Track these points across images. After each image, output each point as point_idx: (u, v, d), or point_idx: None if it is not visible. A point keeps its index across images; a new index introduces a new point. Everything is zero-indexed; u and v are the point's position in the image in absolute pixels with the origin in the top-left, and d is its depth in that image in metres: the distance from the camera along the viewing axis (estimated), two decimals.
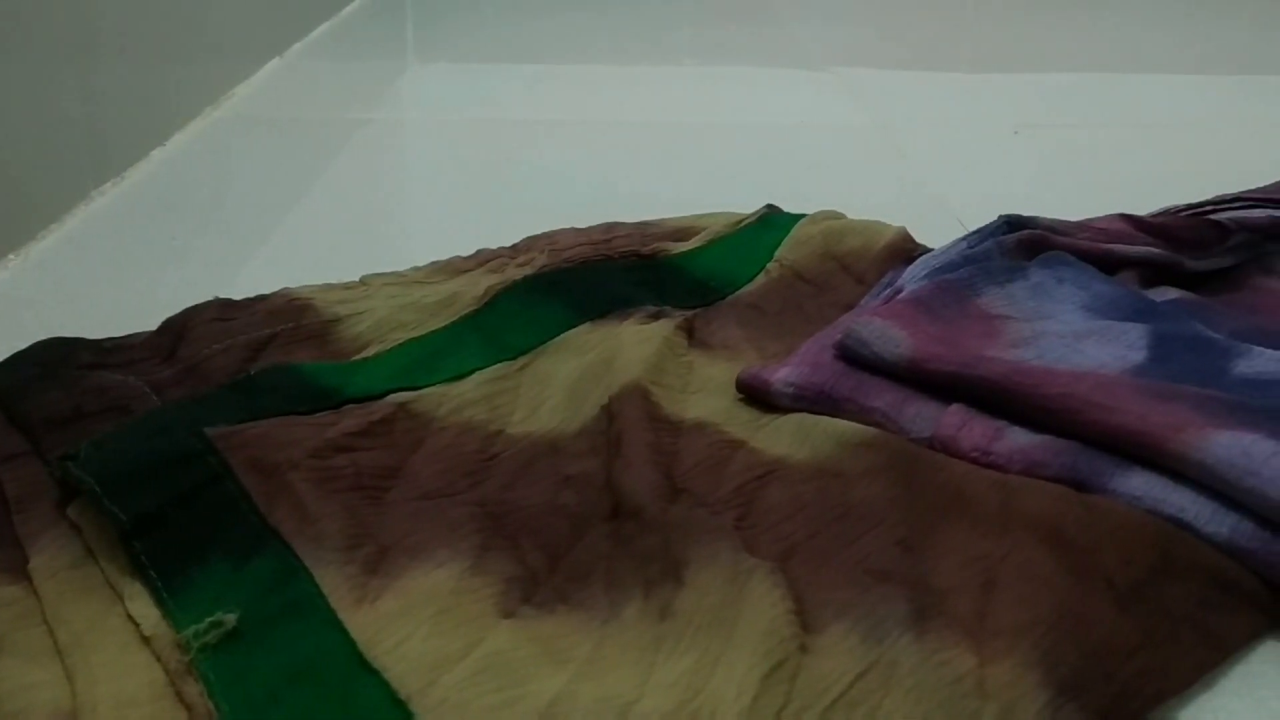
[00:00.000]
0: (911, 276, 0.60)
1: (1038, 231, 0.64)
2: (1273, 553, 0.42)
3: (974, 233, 0.64)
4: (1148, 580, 0.42)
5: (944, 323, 0.53)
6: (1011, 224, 0.65)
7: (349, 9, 1.68)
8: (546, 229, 0.70)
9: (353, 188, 0.92)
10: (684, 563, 0.39)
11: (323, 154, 1.01)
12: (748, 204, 0.73)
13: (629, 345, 0.53)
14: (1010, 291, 0.57)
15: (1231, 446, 0.43)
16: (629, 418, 0.48)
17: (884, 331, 0.52)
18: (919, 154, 1.04)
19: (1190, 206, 0.73)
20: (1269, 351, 0.54)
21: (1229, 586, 0.42)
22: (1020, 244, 0.63)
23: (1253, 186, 0.76)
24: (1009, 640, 0.38)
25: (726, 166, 0.97)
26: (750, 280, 0.65)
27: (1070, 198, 0.86)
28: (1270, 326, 0.62)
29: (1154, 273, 0.66)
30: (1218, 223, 0.66)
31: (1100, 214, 0.70)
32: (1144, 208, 0.71)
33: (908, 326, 0.52)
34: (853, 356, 0.52)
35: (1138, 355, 0.53)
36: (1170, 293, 0.64)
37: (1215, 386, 0.51)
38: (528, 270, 0.62)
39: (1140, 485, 0.45)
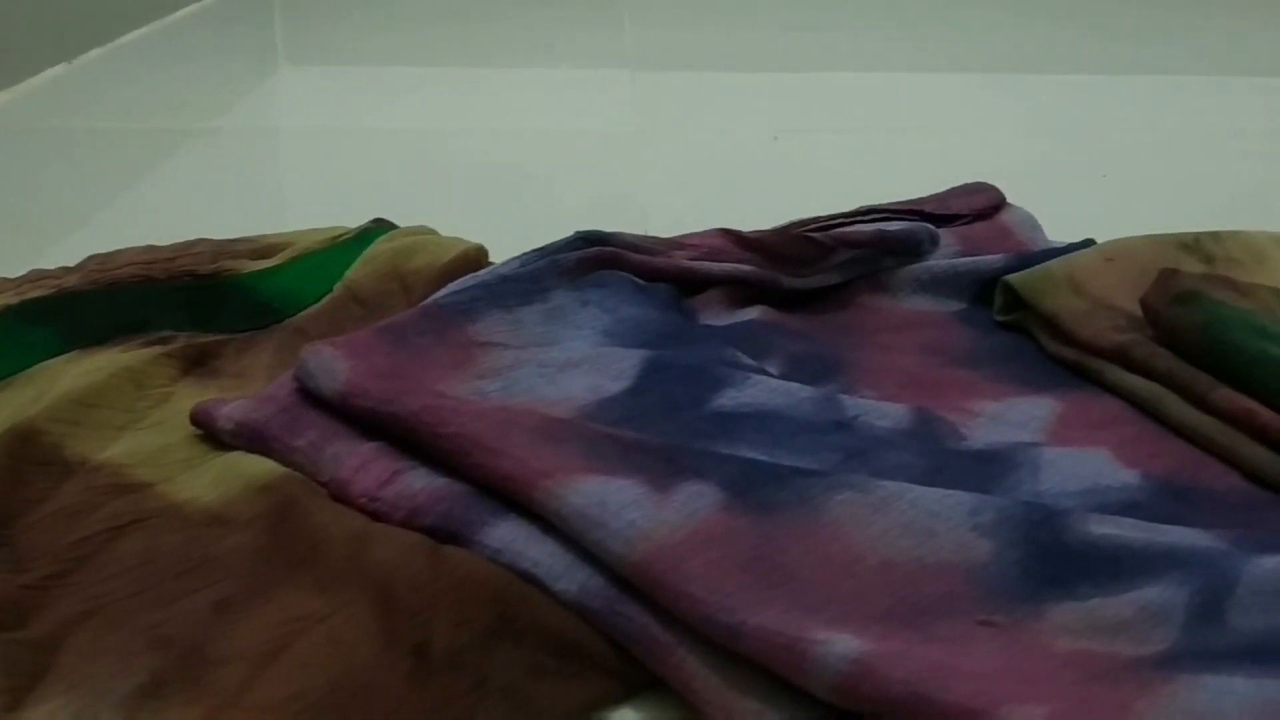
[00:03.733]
0: (435, 299, 0.56)
1: (609, 249, 0.60)
2: (616, 613, 0.38)
3: (536, 250, 0.60)
4: (475, 645, 0.38)
5: (410, 352, 0.49)
6: (588, 239, 0.61)
7: (179, 14, 1.64)
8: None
9: (170, 204, 0.85)
10: None
11: (129, 167, 0.95)
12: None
13: (66, 377, 0.50)
14: (518, 316, 0.53)
15: (590, 494, 0.40)
16: None
17: (329, 362, 0.48)
18: (676, 159, 1.00)
19: (833, 217, 0.69)
20: (768, 380, 0.50)
21: (568, 651, 0.38)
22: (583, 262, 0.59)
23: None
24: (254, 718, 0.34)
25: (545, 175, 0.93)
26: (317, 301, 0.61)
27: (825, 205, 0.81)
28: (838, 351, 0.58)
29: (753, 291, 0.62)
30: (815, 239, 0.62)
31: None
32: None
33: (356, 357, 0.48)
34: (304, 389, 0.49)
35: (618, 385, 0.49)
36: (751, 312, 0.60)
37: (678, 419, 0.47)
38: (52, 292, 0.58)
39: (505, 536, 0.41)
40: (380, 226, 0.67)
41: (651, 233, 0.66)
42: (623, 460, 0.42)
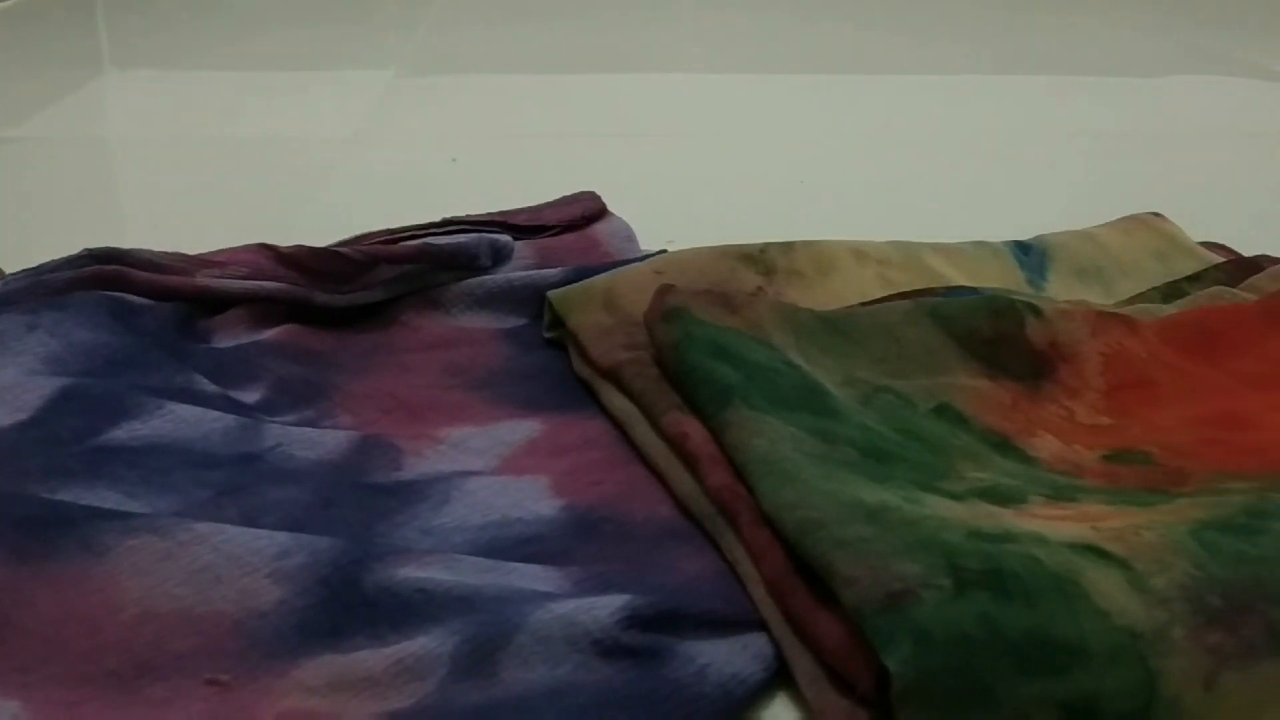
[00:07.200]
0: None
1: (110, 268, 0.57)
2: None
3: (28, 269, 0.57)
4: None
5: None
6: (97, 256, 0.58)
7: None
8: None
9: None
10: None
11: None
12: None
13: None
14: None
15: None
16: None
17: None
18: (382, 166, 0.96)
19: (406, 228, 0.66)
20: (182, 410, 0.47)
21: None
22: (76, 282, 0.55)
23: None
24: None
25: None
26: None
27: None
28: (331, 375, 0.55)
29: (287, 309, 0.59)
30: (347, 255, 0.59)
31: None
32: None
33: None
34: None
35: (11, 419, 0.46)
36: (266, 333, 0.57)
37: (49, 456, 0.44)
38: None
39: None
40: None
41: (306, 242, 0.62)
42: None
